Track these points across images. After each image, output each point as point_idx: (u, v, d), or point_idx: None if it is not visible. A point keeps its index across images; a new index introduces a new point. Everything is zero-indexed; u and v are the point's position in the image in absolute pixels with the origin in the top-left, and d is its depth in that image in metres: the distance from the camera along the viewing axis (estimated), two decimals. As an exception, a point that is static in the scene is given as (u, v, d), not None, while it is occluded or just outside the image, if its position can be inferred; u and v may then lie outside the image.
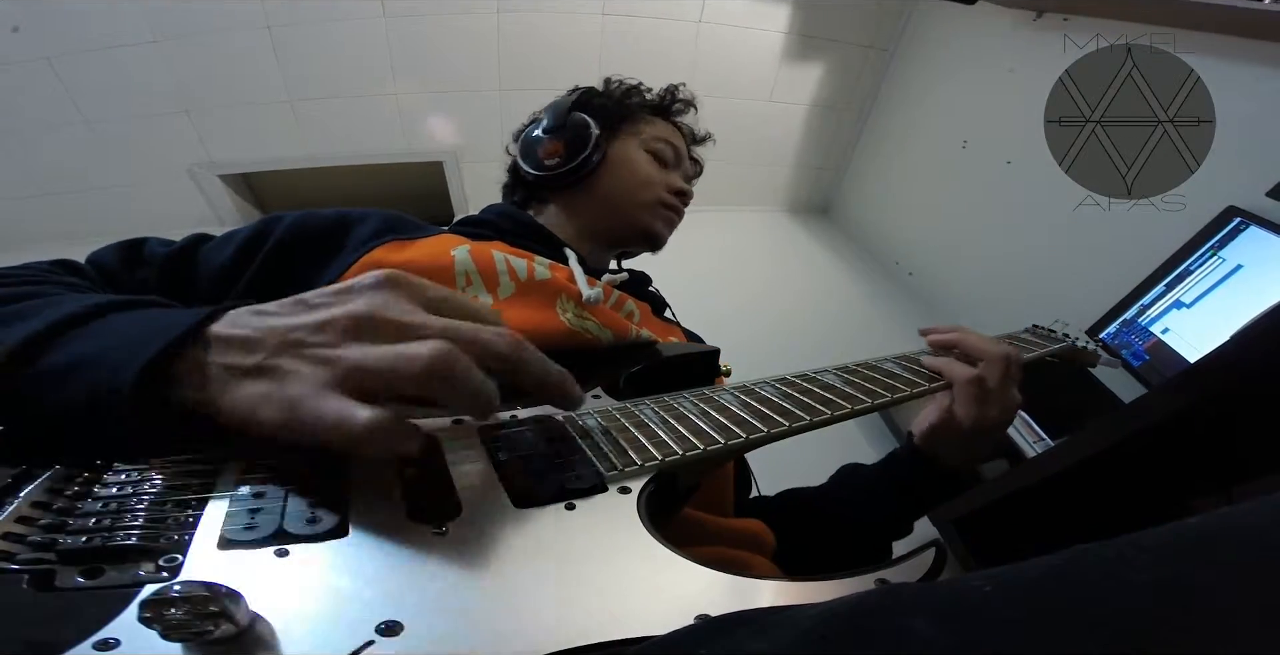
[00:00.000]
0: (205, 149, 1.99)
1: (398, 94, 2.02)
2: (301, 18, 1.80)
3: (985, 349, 0.52)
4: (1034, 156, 1.62)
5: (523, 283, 0.54)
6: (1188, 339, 1.25)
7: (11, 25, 1.61)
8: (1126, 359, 1.34)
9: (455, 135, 2.14)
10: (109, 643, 0.20)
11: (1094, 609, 0.15)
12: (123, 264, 0.51)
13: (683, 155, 0.76)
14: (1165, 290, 1.32)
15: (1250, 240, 1.19)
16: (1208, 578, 0.15)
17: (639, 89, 0.78)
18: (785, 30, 2.15)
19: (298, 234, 0.55)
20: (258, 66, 1.85)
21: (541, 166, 0.70)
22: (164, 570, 0.24)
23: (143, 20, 1.70)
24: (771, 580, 0.28)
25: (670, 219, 0.72)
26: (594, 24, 2.02)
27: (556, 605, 0.25)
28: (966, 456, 0.55)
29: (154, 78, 1.80)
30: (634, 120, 0.74)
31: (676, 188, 0.72)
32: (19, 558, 0.24)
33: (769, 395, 0.44)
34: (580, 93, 0.74)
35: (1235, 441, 0.50)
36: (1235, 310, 1.19)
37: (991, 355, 0.51)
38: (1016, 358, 0.52)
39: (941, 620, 0.17)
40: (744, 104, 2.28)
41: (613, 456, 0.35)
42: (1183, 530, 0.16)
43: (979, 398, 0.50)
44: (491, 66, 2.02)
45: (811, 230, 2.62)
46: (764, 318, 1.98)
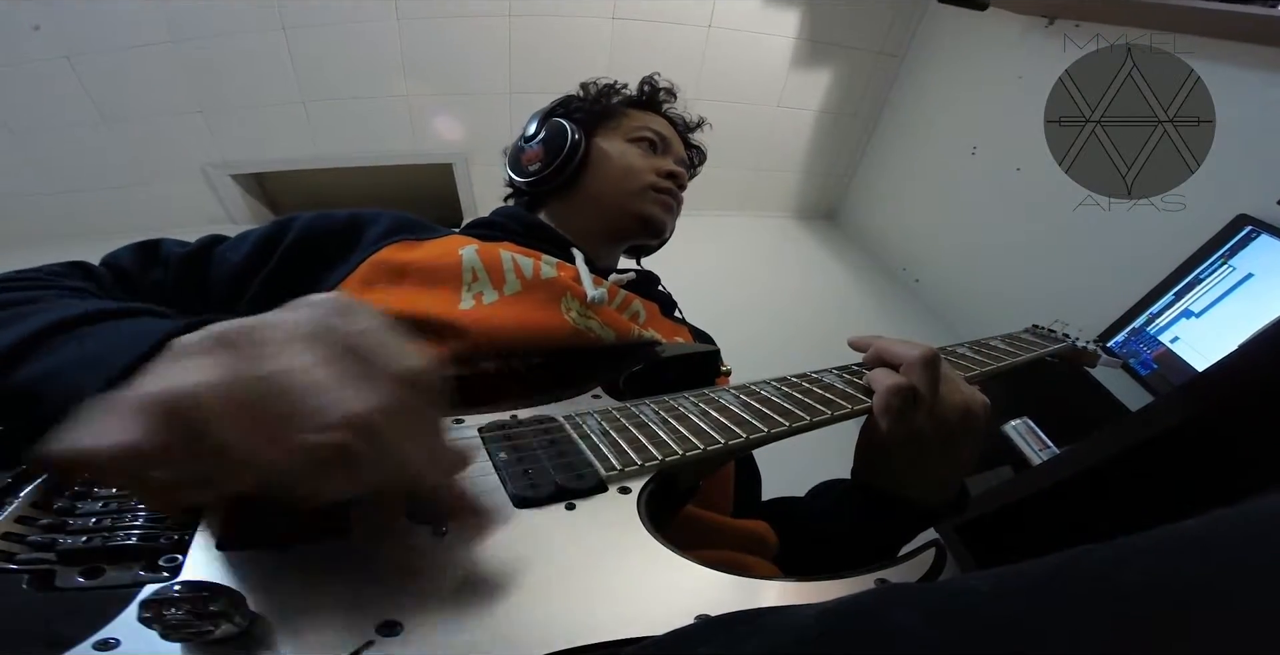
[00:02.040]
0: (219, 148, 2.01)
1: (409, 96, 2.03)
2: (316, 20, 1.82)
3: (899, 353, 0.46)
4: (1043, 164, 1.61)
5: (528, 281, 0.54)
6: (1196, 348, 1.24)
7: (33, 23, 1.64)
8: (1134, 368, 1.33)
9: (465, 137, 2.16)
10: (109, 643, 0.21)
11: (1092, 609, 0.15)
12: (138, 265, 0.52)
13: (670, 140, 0.76)
14: (1174, 299, 1.31)
15: (1261, 249, 1.18)
16: (1205, 578, 0.15)
17: (615, 87, 0.79)
18: (795, 35, 2.15)
19: (311, 234, 0.55)
20: (272, 67, 1.87)
21: (527, 173, 0.72)
22: (164, 570, 0.24)
23: (161, 21, 1.73)
24: (772, 580, 0.28)
25: (664, 202, 0.72)
26: (604, 28, 2.03)
27: (556, 605, 0.25)
28: (927, 475, 0.46)
29: (170, 78, 1.82)
30: (613, 116, 0.75)
31: (665, 170, 0.72)
32: (19, 558, 0.24)
33: (769, 395, 0.44)
34: (559, 100, 0.76)
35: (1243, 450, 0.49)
36: (1245, 319, 1.18)
37: (909, 360, 0.44)
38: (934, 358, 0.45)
39: (940, 619, 0.17)
40: (752, 109, 2.29)
41: (613, 457, 0.35)
42: (1180, 532, 0.16)
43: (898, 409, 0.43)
44: (502, 70, 2.04)
45: (818, 236, 2.61)
46: (768, 322, 1.98)
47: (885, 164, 2.45)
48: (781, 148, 2.45)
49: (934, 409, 0.44)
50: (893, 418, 0.43)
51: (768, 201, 2.63)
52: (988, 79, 1.94)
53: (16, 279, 0.44)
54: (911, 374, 0.44)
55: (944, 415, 0.44)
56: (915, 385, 0.43)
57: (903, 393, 0.43)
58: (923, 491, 0.47)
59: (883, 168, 2.46)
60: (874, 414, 0.44)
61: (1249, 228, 1.20)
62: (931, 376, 0.44)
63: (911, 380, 0.43)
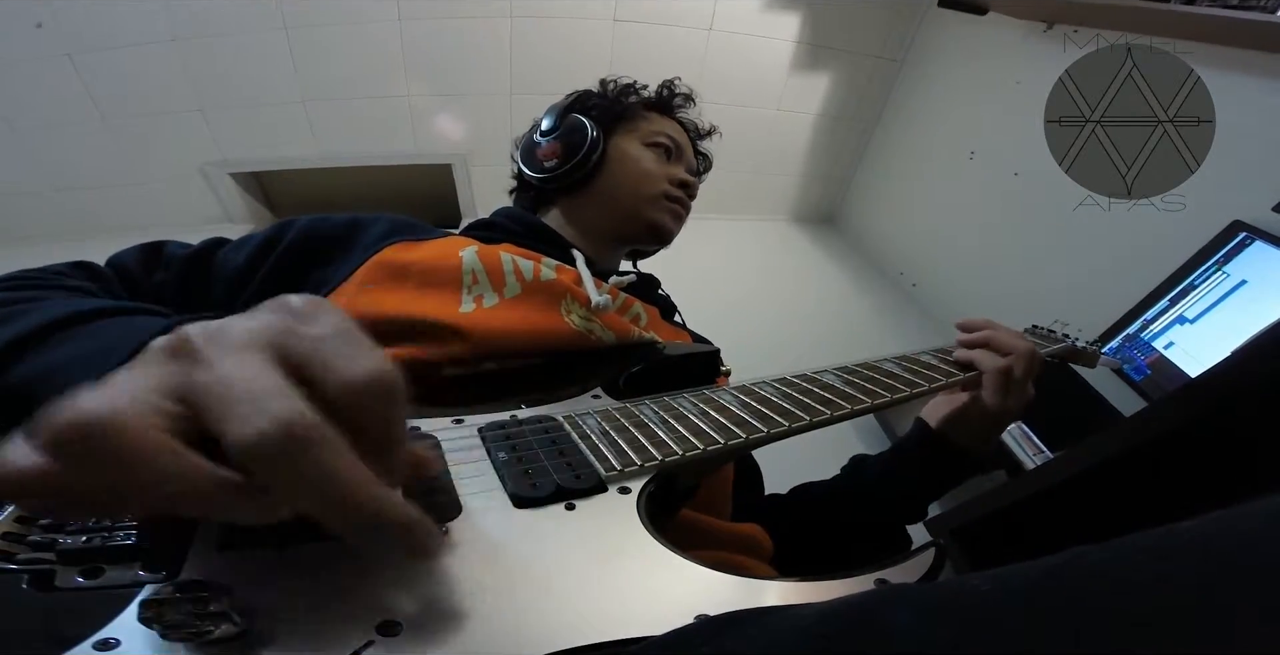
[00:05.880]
0: (218, 147, 2.01)
1: (409, 96, 2.03)
2: (317, 19, 1.82)
3: (1015, 344, 0.55)
4: (1042, 168, 1.62)
5: (528, 283, 0.54)
6: (1190, 354, 1.25)
7: (35, 21, 1.64)
8: (1128, 374, 1.34)
9: (464, 138, 2.16)
10: (109, 643, 0.21)
11: (1092, 608, 0.15)
12: (142, 266, 0.52)
13: (684, 148, 0.76)
14: (1169, 305, 1.31)
15: (1255, 255, 1.19)
16: (1205, 577, 0.15)
17: (634, 87, 0.78)
18: (795, 39, 2.16)
19: (310, 235, 0.56)
20: (273, 67, 1.87)
21: (542, 169, 0.70)
22: (164, 570, 0.24)
23: (163, 19, 1.73)
24: (772, 581, 0.29)
25: (676, 212, 0.72)
26: (604, 30, 2.03)
27: (556, 605, 0.25)
28: (979, 443, 0.58)
29: (170, 76, 1.82)
30: (631, 118, 0.74)
31: (679, 179, 0.72)
32: (19, 558, 0.24)
33: (769, 395, 0.43)
34: (577, 95, 0.75)
35: (1237, 456, 0.50)
36: (1239, 326, 1.18)
37: (1020, 349, 0.54)
38: (1040, 354, 0.56)
39: (940, 619, 0.17)
40: (752, 112, 2.29)
41: (612, 457, 0.35)
42: (1180, 531, 0.17)
43: (1004, 388, 0.53)
44: (503, 71, 2.04)
45: (816, 240, 2.62)
46: (766, 326, 1.98)
47: (884, 168, 2.46)
48: (781, 151, 2.46)
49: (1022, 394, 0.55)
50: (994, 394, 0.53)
51: (767, 205, 2.63)
52: (986, 83, 1.95)
53: (19, 278, 0.45)
54: (1019, 364, 0.54)
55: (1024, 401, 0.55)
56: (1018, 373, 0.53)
57: (1008, 376, 0.53)
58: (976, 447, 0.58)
59: (881, 172, 2.47)
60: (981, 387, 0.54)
61: (1243, 234, 1.20)
62: (1029, 368, 0.54)
63: (1018, 368, 0.53)
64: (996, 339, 0.56)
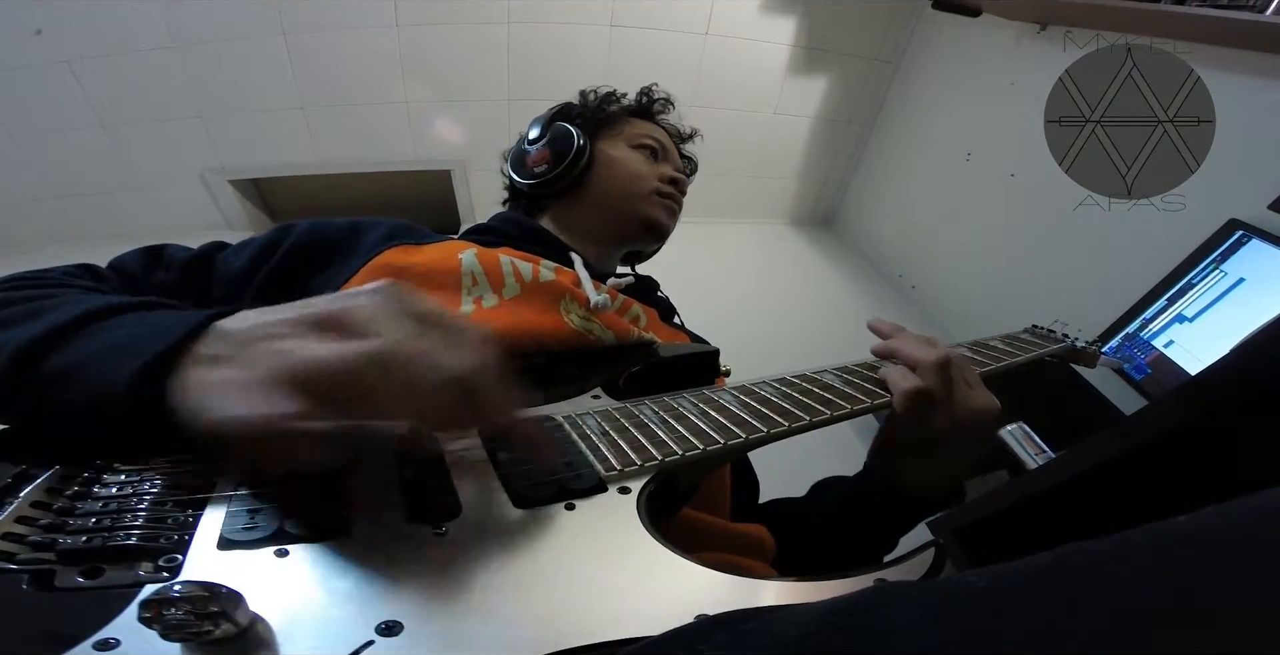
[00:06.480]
0: (217, 154, 2.01)
1: (408, 102, 2.04)
2: (316, 25, 1.83)
3: (916, 357, 0.46)
4: (1037, 169, 1.63)
5: (528, 284, 0.55)
6: (1190, 352, 1.25)
7: (34, 28, 1.64)
8: (1129, 373, 1.34)
9: (463, 144, 2.16)
10: (109, 643, 0.21)
11: (1088, 603, 0.15)
12: (143, 268, 0.53)
13: (669, 148, 0.77)
14: (1167, 304, 1.32)
15: (1252, 253, 1.19)
16: (1203, 572, 0.15)
17: (615, 96, 0.80)
18: (791, 43, 2.17)
19: (310, 239, 0.56)
20: (272, 73, 1.88)
21: (533, 175, 0.71)
22: (164, 570, 0.24)
23: (161, 26, 1.73)
24: (772, 581, 0.29)
25: (669, 207, 0.73)
26: (601, 35, 2.04)
27: (556, 605, 0.25)
28: (935, 472, 0.48)
29: (170, 82, 1.83)
30: (614, 123, 0.76)
31: (668, 176, 0.73)
32: (19, 558, 0.24)
33: (768, 395, 0.44)
34: (559, 107, 0.77)
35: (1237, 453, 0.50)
36: (1237, 323, 1.19)
37: (924, 364, 0.45)
38: (954, 360, 0.46)
39: (937, 616, 0.17)
40: (749, 116, 2.30)
41: (612, 457, 0.35)
42: (1177, 526, 0.16)
43: (917, 411, 0.44)
44: (501, 77, 2.05)
45: (815, 243, 2.62)
46: (765, 328, 1.98)
47: (881, 170, 2.47)
48: (778, 154, 2.46)
49: (950, 411, 0.45)
50: (910, 418, 0.44)
51: (764, 208, 2.64)
52: (981, 85, 1.96)
53: (35, 277, 0.45)
54: (928, 378, 0.44)
55: (958, 417, 0.45)
56: (931, 390, 0.44)
57: (920, 397, 0.44)
58: (923, 484, 0.48)
59: (878, 174, 2.48)
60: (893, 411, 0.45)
61: (1240, 232, 1.21)
62: (945, 380, 0.45)
63: (928, 385, 0.44)
64: (900, 350, 0.47)
